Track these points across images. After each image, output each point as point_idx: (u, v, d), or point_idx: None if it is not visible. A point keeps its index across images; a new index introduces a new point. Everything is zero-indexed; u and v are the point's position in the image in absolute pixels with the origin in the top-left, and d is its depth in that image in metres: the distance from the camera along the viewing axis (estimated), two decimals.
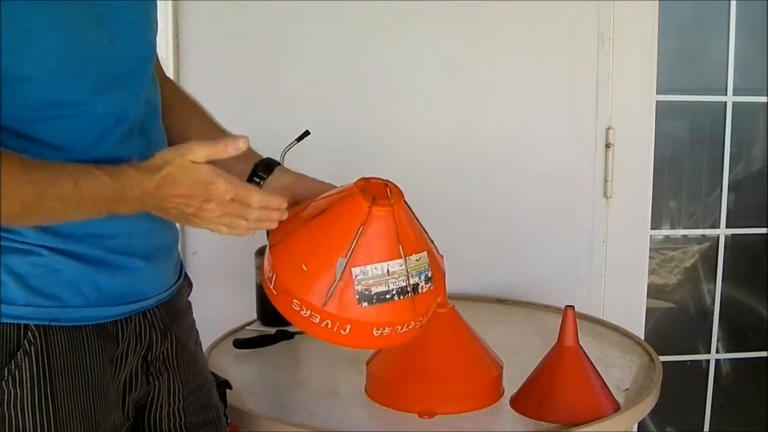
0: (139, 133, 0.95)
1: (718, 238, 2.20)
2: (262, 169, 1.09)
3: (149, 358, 1.00)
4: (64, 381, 0.88)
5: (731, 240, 2.22)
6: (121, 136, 0.92)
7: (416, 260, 0.92)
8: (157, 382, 1.02)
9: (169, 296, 1.02)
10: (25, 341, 0.86)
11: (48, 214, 0.82)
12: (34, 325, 0.86)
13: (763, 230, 2.21)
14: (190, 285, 1.12)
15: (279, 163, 1.12)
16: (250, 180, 1.07)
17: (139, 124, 0.95)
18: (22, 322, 0.86)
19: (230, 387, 1.18)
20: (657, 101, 2.03)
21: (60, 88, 0.85)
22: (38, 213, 0.81)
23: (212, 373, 1.14)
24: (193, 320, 1.11)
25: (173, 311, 1.04)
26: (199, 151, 0.85)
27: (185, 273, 1.10)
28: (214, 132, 1.12)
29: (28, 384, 0.86)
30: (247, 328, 1.66)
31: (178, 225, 1.03)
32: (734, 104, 2.14)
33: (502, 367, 1.30)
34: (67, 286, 0.88)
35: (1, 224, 0.83)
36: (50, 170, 0.81)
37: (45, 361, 0.87)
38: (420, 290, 0.92)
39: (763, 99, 2.15)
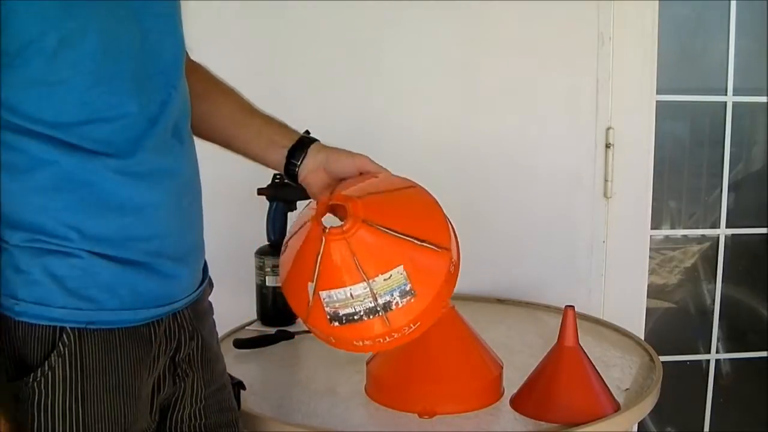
0: (172, 135, 0.94)
1: (718, 238, 2.20)
2: (296, 156, 1.08)
3: (177, 359, 0.99)
4: (95, 384, 0.87)
5: (731, 240, 2.22)
6: (158, 139, 0.90)
7: (385, 279, 0.90)
8: (182, 384, 1.01)
9: (197, 297, 1.02)
10: (60, 343, 0.85)
11: None
12: (70, 328, 0.85)
13: (763, 230, 2.21)
14: (211, 285, 1.11)
15: (313, 141, 1.12)
16: (286, 168, 1.09)
17: (173, 125, 0.94)
18: (58, 324, 0.85)
19: (244, 388, 1.17)
20: (657, 101, 2.03)
21: (96, 90, 0.83)
22: None
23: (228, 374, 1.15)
24: (214, 321, 1.11)
25: (199, 312, 1.04)
26: None
27: (209, 274, 1.10)
28: (245, 117, 1.13)
29: (60, 386, 0.85)
30: (247, 328, 1.66)
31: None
32: (734, 104, 2.14)
33: (502, 367, 1.30)
34: (105, 289, 0.87)
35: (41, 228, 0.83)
36: None
37: (78, 364, 0.86)
38: (394, 307, 0.91)
39: (763, 99, 2.15)
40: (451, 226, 1.02)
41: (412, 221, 0.97)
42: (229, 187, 1.91)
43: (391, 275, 0.90)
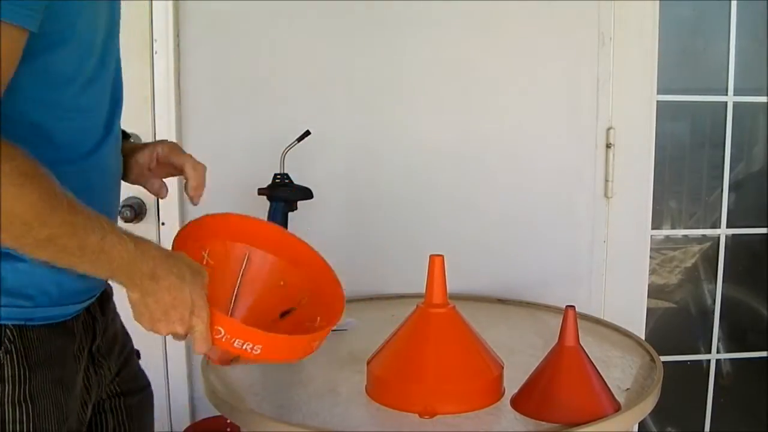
0: (116, 138, 1.05)
1: (718, 238, 2.20)
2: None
3: (93, 350, 1.05)
4: (42, 378, 0.93)
5: (732, 240, 2.22)
6: (113, 140, 1.02)
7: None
8: (101, 371, 1.08)
9: (106, 286, 1.09)
10: (6, 340, 0.90)
11: (60, 256, 0.84)
12: (12, 325, 0.91)
13: (763, 230, 2.21)
14: None
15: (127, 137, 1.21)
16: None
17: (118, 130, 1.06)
18: (2, 322, 0.90)
19: (139, 357, 1.24)
20: (657, 101, 2.03)
21: (87, 93, 0.95)
22: (55, 251, 0.83)
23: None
24: (114, 303, 1.16)
25: (104, 300, 1.10)
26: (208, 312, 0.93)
27: None
28: None
29: (10, 381, 0.90)
30: None
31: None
32: (735, 104, 2.14)
33: (502, 367, 1.30)
34: (38, 287, 0.93)
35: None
36: (89, 218, 0.84)
37: (23, 359, 0.91)
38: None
39: (763, 99, 2.15)
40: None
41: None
42: (229, 187, 1.91)
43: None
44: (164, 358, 1.91)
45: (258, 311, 1.12)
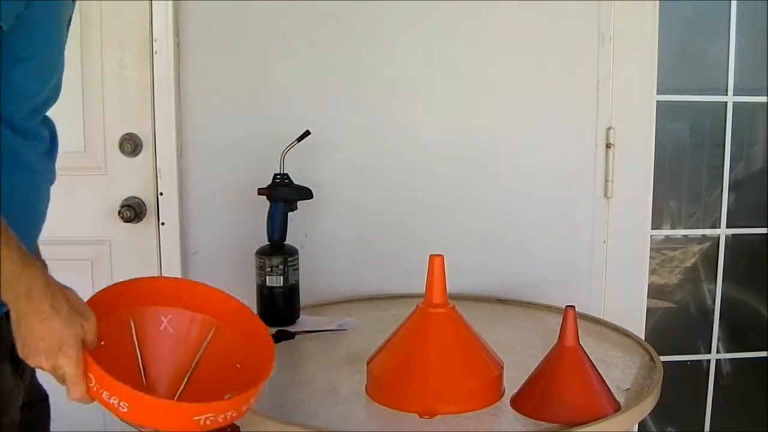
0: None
1: (718, 238, 2.20)
2: None
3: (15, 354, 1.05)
4: None
5: (731, 240, 2.22)
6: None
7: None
8: (24, 376, 1.08)
9: None
10: None
11: None
12: None
13: (763, 230, 2.21)
14: None
15: None
16: None
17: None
18: None
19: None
20: (657, 101, 2.03)
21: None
22: None
23: None
24: None
25: None
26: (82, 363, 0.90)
27: None
28: None
29: None
30: None
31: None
32: (734, 104, 2.14)
33: (502, 367, 1.30)
34: None
35: None
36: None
37: None
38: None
39: (763, 99, 2.15)
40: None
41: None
42: (229, 187, 1.91)
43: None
44: None
45: (212, 386, 1.05)
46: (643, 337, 1.75)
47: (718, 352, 2.25)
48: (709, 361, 2.25)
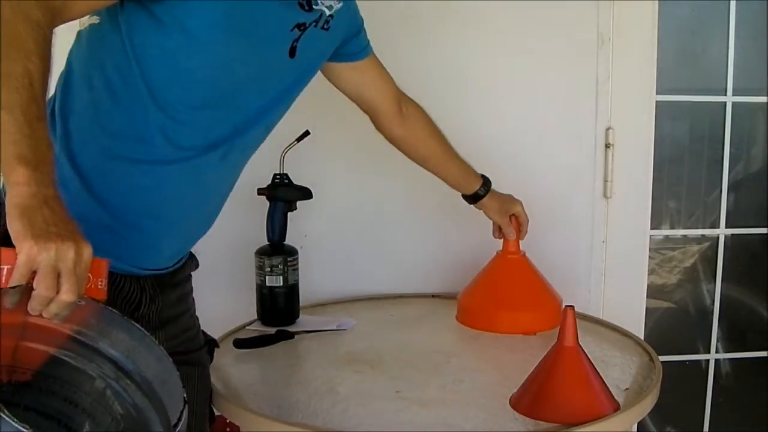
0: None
1: (717, 238, 2.21)
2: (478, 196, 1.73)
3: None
4: None
5: (731, 240, 2.22)
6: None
7: None
8: None
9: None
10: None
11: None
12: None
13: (763, 230, 2.21)
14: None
15: (488, 186, 1.75)
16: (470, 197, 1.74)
17: None
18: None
19: (218, 346, 1.41)
20: (657, 101, 2.03)
21: None
22: None
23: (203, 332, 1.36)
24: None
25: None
26: None
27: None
28: (446, 162, 1.76)
29: None
30: (247, 328, 1.66)
31: None
32: (734, 104, 2.14)
33: (561, 300, 1.66)
34: None
35: None
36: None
37: None
38: None
39: (763, 99, 2.16)
40: None
41: None
42: None
43: None
44: None
45: None
46: (642, 337, 1.75)
47: (717, 352, 2.25)
48: (708, 361, 2.25)
